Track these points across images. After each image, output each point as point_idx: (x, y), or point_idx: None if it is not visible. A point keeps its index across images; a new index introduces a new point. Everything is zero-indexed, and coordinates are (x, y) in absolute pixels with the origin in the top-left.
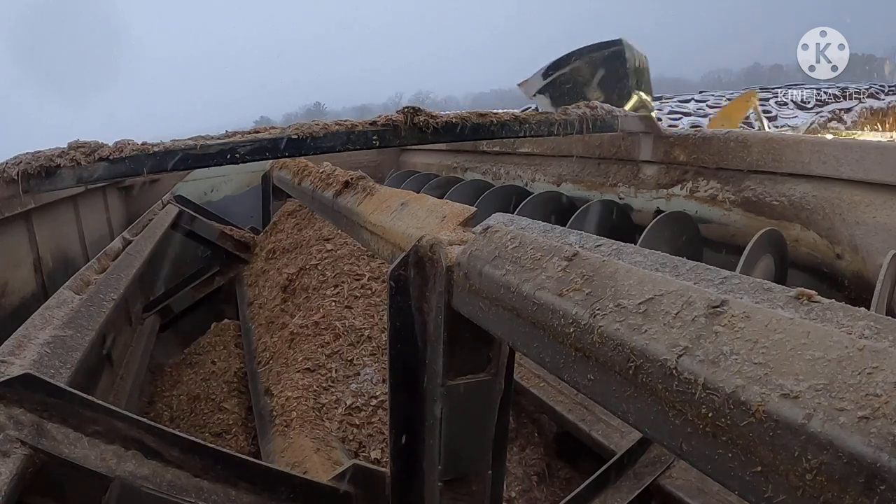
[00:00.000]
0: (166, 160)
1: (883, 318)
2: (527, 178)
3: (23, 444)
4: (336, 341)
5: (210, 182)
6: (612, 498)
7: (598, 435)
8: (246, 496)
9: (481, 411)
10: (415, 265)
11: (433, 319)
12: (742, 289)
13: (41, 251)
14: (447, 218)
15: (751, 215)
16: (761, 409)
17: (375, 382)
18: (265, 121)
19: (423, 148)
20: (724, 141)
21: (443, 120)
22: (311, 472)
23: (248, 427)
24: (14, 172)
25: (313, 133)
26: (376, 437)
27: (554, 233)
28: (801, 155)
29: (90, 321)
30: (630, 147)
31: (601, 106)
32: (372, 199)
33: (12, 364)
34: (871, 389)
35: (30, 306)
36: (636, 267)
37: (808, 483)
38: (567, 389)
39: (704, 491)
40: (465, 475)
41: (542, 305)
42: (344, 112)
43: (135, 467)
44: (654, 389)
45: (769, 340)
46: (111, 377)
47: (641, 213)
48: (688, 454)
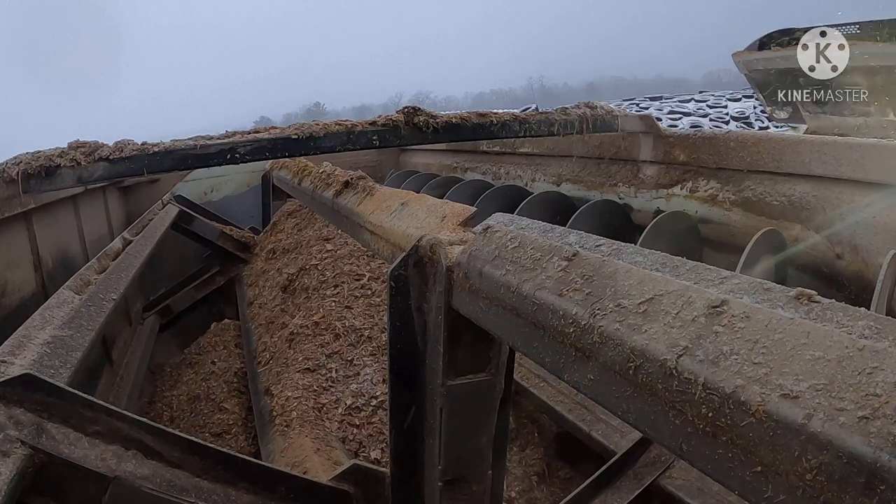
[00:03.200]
0: (166, 160)
1: (883, 318)
2: (527, 178)
3: (23, 444)
4: (336, 341)
5: (210, 182)
6: (612, 498)
7: (598, 435)
8: (246, 496)
9: (481, 411)
10: (415, 265)
11: (433, 319)
12: (742, 289)
13: (41, 251)
14: (447, 218)
15: (751, 215)
16: (761, 409)
17: (375, 382)
18: (265, 121)
19: (423, 148)
20: (724, 141)
21: (443, 120)
22: (311, 472)
23: (248, 427)
24: (14, 172)
25: (313, 133)
26: (376, 437)
27: (554, 233)
28: (801, 155)
29: (90, 321)
30: (630, 147)
31: (601, 106)
32: (372, 199)
33: (12, 364)
34: (871, 389)
35: (30, 306)
36: (636, 267)
37: (808, 483)
38: (567, 389)
39: (704, 491)
40: (465, 475)
41: (542, 305)
42: (344, 112)
43: (135, 467)
44: (654, 389)
45: (769, 340)
46: (111, 377)
47: (641, 213)
48: (688, 454)
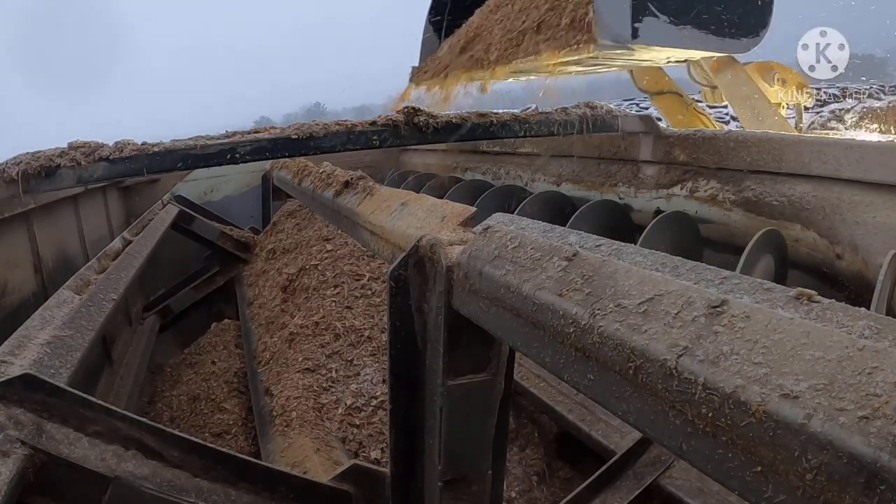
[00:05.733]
0: (166, 160)
1: (883, 318)
2: (527, 178)
3: (23, 444)
4: (336, 341)
5: (210, 182)
6: (612, 498)
7: (598, 435)
8: (246, 496)
9: (481, 411)
10: (415, 265)
11: (433, 319)
12: (742, 289)
13: (41, 251)
14: (447, 218)
15: (751, 215)
16: (761, 409)
17: (375, 382)
18: (265, 121)
19: (423, 148)
20: (724, 141)
21: (443, 120)
22: (311, 472)
23: (248, 427)
24: (14, 172)
25: (313, 133)
26: (376, 437)
27: (554, 233)
28: (801, 155)
29: (90, 321)
30: (630, 147)
31: (601, 106)
32: (372, 199)
33: (12, 364)
34: (871, 389)
35: (30, 306)
36: (636, 267)
37: (808, 483)
38: (567, 389)
39: (704, 491)
40: (465, 475)
41: (542, 305)
42: (344, 112)
43: (135, 467)
44: (654, 389)
45: (769, 340)
46: (111, 377)
47: (641, 213)
48: (688, 454)
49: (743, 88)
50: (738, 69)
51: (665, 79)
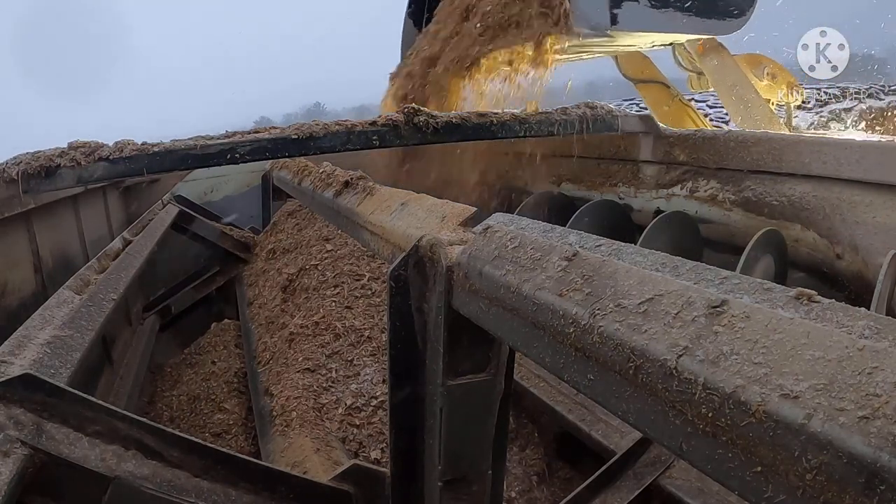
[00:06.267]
0: (166, 160)
1: (883, 318)
2: (527, 177)
3: (23, 444)
4: (336, 341)
5: (210, 182)
6: (612, 498)
7: (598, 435)
8: (246, 496)
9: (481, 411)
10: (415, 265)
11: (433, 319)
12: (742, 289)
13: (41, 251)
14: (447, 218)
15: (751, 215)
16: (761, 409)
17: (375, 382)
18: (265, 121)
19: None
20: (724, 141)
21: (443, 120)
22: (311, 472)
23: (248, 427)
24: (14, 172)
25: (313, 133)
26: (376, 437)
27: (554, 233)
28: (801, 155)
29: (90, 321)
30: (630, 147)
31: (601, 106)
32: (372, 199)
33: (12, 364)
34: (871, 389)
35: (30, 306)
36: (636, 267)
37: (808, 483)
38: (567, 389)
39: (704, 491)
40: (465, 475)
41: (542, 305)
42: (344, 112)
43: (135, 467)
44: (654, 389)
45: (769, 340)
46: (111, 377)
47: (641, 213)
48: (688, 454)
49: (730, 75)
50: (724, 54)
51: (650, 66)
